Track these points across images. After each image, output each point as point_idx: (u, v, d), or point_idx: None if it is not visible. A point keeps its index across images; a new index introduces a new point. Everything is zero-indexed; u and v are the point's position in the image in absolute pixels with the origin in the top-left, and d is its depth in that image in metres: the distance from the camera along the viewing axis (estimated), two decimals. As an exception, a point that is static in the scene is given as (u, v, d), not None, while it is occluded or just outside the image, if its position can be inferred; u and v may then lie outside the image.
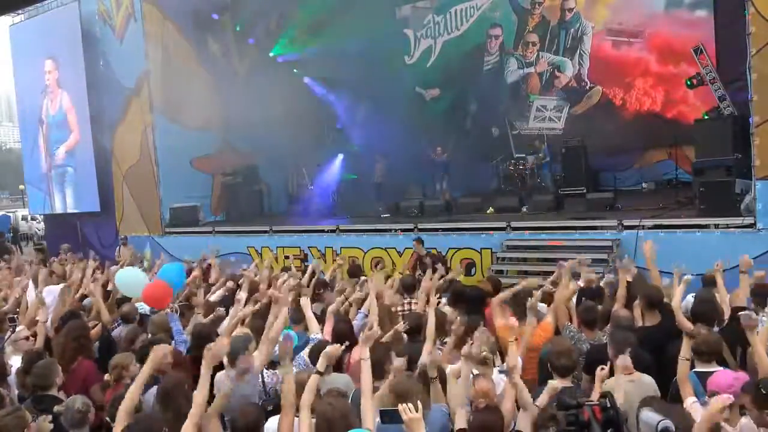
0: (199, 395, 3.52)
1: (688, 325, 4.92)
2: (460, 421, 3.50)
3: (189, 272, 7.94)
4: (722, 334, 4.42)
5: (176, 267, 6.79)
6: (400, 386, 3.56)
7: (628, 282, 5.57)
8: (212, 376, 3.81)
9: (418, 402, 3.13)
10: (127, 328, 5.85)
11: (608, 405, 3.17)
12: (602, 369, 3.96)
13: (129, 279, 6.70)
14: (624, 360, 3.98)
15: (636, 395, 3.66)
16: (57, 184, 17.97)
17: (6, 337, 5.71)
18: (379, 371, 3.93)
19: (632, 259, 6.68)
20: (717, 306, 5.09)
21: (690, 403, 3.59)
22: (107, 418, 3.91)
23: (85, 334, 5.28)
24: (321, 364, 3.83)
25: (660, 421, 3.09)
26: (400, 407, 3.05)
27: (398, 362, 4.04)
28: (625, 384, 3.87)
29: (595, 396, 3.72)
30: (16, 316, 6.82)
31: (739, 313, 4.13)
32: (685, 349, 3.83)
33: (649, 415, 3.18)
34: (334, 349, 3.89)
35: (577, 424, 3.06)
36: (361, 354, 3.82)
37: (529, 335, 4.83)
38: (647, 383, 3.98)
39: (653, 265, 5.94)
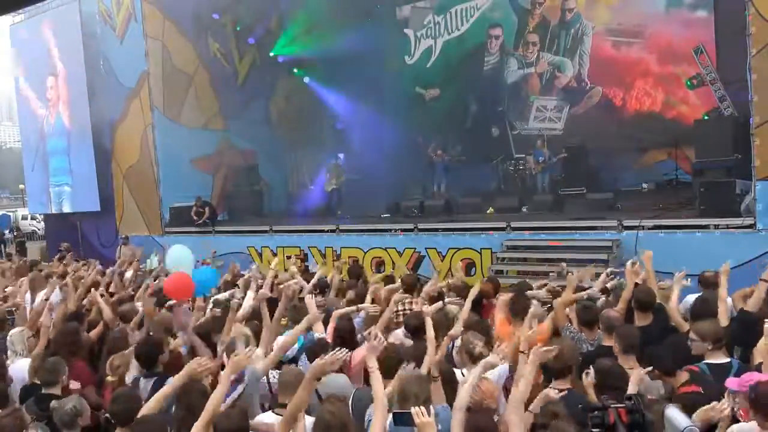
0: (217, 396, 3.52)
1: (684, 324, 4.94)
2: (457, 425, 3.47)
3: None
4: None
5: (209, 270, 6.67)
6: (407, 388, 3.54)
7: (636, 284, 5.50)
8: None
9: (431, 407, 3.12)
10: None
11: (634, 407, 3.06)
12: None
13: (179, 256, 6.51)
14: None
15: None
16: (56, 199, 18.10)
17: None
18: (389, 372, 3.86)
19: (641, 264, 6.56)
20: (714, 306, 5.09)
21: None
22: (106, 416, 3.92)
23: (75, 339, 5.19)
24: None
25: (687, 427, 3.05)
26: (413, 410, 3.05)
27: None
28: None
29: None
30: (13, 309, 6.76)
31: None
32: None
33: (676, 416, 3.13)
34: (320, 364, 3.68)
35: (602, 426, 3.02)
36: (369, 364, 3.64)
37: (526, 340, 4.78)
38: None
39: (652, 276, 5.87)
